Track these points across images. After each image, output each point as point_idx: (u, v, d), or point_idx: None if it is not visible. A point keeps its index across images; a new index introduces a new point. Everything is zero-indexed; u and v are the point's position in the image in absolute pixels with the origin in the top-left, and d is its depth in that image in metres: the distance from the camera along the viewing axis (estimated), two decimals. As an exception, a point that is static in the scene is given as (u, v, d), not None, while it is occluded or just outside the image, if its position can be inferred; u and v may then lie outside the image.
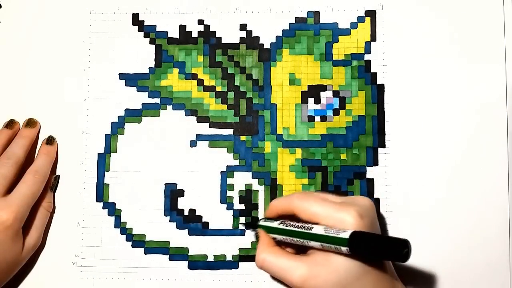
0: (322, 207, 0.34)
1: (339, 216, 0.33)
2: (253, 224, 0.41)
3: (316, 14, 0.43)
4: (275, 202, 0.38)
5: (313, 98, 0.42)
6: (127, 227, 0.42)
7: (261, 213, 0.41)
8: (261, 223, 0.38)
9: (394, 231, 0.41)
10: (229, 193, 0.42)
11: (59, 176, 0.42)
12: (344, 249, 0.31)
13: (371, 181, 0.41)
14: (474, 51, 0.42)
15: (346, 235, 0.31)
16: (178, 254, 0.41)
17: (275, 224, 0.36)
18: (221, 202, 0.42)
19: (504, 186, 0.40)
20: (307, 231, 0.34)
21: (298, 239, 0.34)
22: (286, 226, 0.35)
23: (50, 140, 0.42)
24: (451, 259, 0.40)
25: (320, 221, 0.34)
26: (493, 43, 0.42)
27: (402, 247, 0.30)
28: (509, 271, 0.39)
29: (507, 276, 0.39)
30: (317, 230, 0.33)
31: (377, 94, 0.42)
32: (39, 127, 0.43)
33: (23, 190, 0.39)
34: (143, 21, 0.44)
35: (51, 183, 0.42)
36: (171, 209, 0.42)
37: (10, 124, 0.42)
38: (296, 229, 0.34)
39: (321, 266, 0.33)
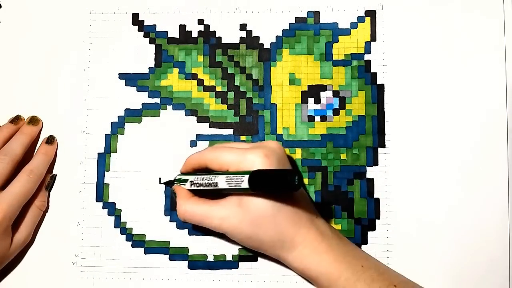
0: (231, 154, 0.36)
1: (246, 159, 0.35)
2: (170, 181, 0.41)
3: (316, 14, 0.43)
4: (189, 157, 0.39)
5: (313, 98, 0.42)
6: (127, 227, 0.42)
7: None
8: (178, 177, 0.40)
9: (394, 231, 0.41)
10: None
11: (56, 175, 0.42)
12: (246, 186, 0.33)
13: (371, 181, 0.41)
14: (474, 51, 0.42)
15: (247, 173, 0.33)
16: (178, 254, 0.41)
17: (189, 177, 0.38)
18: (221, 202, 0.42)
19: (504, 185, 0.40)
20: (216, 175, 0.36)
21: (208, 183, 0.36)
22: (198, 176, 0.38)
23: (50, 140, 0.42)
24: (451, 259, 0.40)
25: (230, 168, 0.36)
26: (493, 43, 0.42)
27: (290, 177, 0.32)
28: (508, 271, 0.39)
29: (506, 276, 0.39)
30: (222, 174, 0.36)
31: (377, 94, 0.42)
32: (42, 125, 0.43)
33: (15, 189, 0.39)
34: (143, 21, 0.44)
35: (47, 182, 0.42)
36: (171, 209, 0.42)
37: (16, 120, 0.43)
38: (206, 175, 0.37)
39: (236, 207, 0.35)
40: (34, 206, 0.41)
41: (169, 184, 0.42)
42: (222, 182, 0.35)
